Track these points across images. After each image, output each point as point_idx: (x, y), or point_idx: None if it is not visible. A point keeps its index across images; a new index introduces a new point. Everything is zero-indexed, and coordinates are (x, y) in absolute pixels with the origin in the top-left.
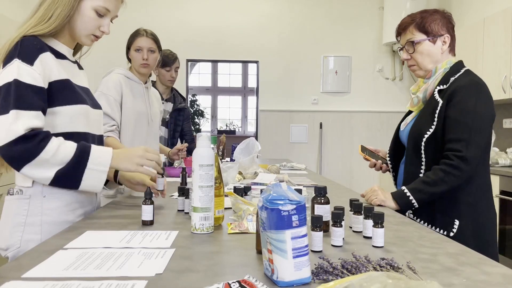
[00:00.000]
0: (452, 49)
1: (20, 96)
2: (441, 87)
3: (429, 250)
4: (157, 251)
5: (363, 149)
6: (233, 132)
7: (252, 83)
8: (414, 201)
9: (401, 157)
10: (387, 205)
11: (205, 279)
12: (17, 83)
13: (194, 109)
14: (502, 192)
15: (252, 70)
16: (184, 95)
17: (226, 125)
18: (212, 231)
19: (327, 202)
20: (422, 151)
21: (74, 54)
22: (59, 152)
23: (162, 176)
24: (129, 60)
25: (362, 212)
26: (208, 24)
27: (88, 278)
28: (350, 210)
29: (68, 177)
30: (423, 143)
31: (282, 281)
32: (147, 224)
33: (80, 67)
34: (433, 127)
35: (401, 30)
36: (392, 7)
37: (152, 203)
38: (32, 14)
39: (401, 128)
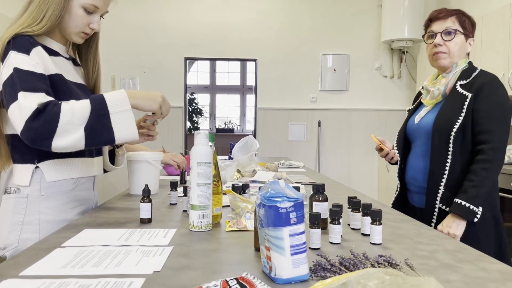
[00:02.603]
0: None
1: (24, 80)
2: (462, 82)
3: (427, 247)
4: (155, 248)
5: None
6: (232, 130)
7: (250, 81)
8: (475, 208)
9: (407, 150)
10: (460, 226)
11: (203, 277)
12: (17, 71)
13: (193, 107)
14: (501, 190)
15: (250, 68)
16: (183, 94)
17: (225, 123)
18: (210, 228)
19: (325, 199)
20: (451, 143)
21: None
22: (76, 110)
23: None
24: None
25: (360, 210)
26: (207, 23)
27: (86, 276)
28: (348, 208)
29: (98, 130)
30: (452, 135)
31: (280, 278)
32: (145, 222)
33: (77, 64)
34: (461, 119)
35: (440, 16)
36: (390, 5)
37: (150, 201)
38: (22, 12)
39: (415, 121)
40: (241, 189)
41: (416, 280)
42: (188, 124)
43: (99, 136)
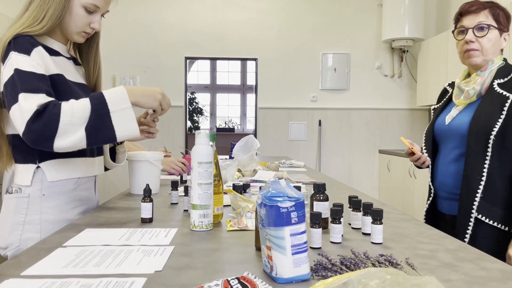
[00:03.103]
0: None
1: (24, 81)
2: (500, 80)
3: (427, 246)
4: (156, 248)
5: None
6: (232, 129)
7: (251, 81)
8: None
9: (435, 152)
10: None
11: (204, 276)
12: (18, 72)
13: (193, 106)
14: None
15: (251, 67)
16: (183, 93)
17: (225, 123)
18: (211, 228)
19: (326, 199)
20: (489, 147)
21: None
22: (76, 110)
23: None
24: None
25: (361, 209)
26: (207, 22)
27: (87, 276)
28: (349, 207)
29: (99, 129)
30: (492, 138)
31: (281, 277)
32: (146, 221)
33: (77, 63)
34: (500, 121)
35: (472, 9)
36: (391, 4)
37: (151, 200)
38: (22, 12)
39: (446, 122)
40: (242, 189)
41: (417, 280)
42: (189, 124)
43: (100, 135)
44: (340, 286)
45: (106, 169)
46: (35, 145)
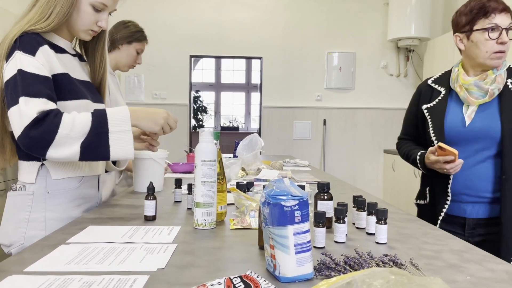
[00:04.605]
0: None
1: (26, 84)
2: (511, 80)
3: (432, 247)
4: (159, 246)
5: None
6: (236, 128)
7: (255, 79)
8: None
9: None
10: None
11: (207, 274)
12: (21, 73)
13: (197, 105)
14: None
15: (255, 66)
16: (188, 91)
17: (230, 121)
18: (214, 226)
19: (330, 198)
20: None
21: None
22: (76, 124)
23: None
24: (116, 48)
25: (365, 209)
26: (212, 20)
27: (90, 273)
28: (353, 207)
29: (95, 147)
30: None
31: (284, 276)
32: (150, 219)
33: (82, 59)
34: None
35: (502, 8)
36: (397, 3)
37: (154, 198)
38: (29, 8)
39: (466, 123)
40: (245, 187)
41: (422, 280)
42: (193, 122)
43: (94, 152)
44: (343, 285)
45: (106, 170)
46: (28, 150)
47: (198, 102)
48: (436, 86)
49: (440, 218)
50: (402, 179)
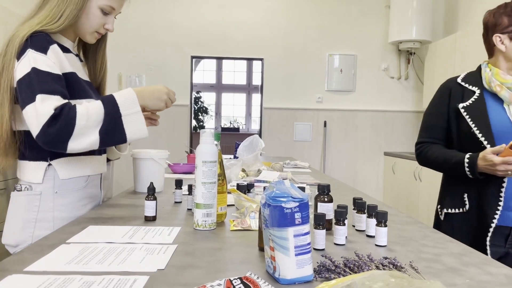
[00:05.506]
0: None
1: (42, 82)
2: None
3: (432, 250)
4: (159, 246)
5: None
6: (237, 129)
7: (256, 81)
8: None
9: None
10: None
11: (207, 275)
12: (36, 71)
13: (198, 106)
14: None
15: (256, 67)
16: (189, 92)
17: (230, 123)
18: (214, 227)
19: (330, 200)
20: None
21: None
22: (90, 113)
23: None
24: None
25: (366, 211)
26: (213, 21)
27: (90, 273)
28: (354, 209)
29: (112, 132)
30: None
31: (284, 278)
32: (150, 219)
33: (81, 60)
34: None
35: None
36: (398, 5)
37: (155, 198)
38: (36, 9)
39: None
40: (246, 189)
41: (421, 283)
42: (194, 123)
43: (112, 137)
44: None
45: (108, 160)
46: (49, 148)
47: (199, 103)
48: (467, 85)
49: (492, 228)
50: (403, 182)
